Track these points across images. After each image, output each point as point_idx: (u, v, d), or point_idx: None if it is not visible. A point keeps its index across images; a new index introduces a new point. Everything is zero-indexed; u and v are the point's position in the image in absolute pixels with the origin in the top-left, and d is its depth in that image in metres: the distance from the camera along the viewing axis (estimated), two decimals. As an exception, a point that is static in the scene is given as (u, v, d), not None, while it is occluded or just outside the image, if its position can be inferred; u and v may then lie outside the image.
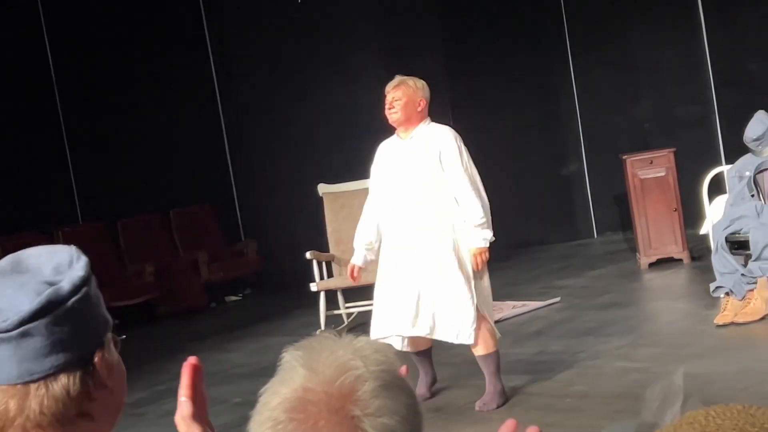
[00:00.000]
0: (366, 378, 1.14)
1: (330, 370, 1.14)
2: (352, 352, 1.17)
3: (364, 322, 8.51)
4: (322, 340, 1.20)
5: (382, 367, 1.16)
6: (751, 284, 6.72)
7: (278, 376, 1.18)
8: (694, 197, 8.22)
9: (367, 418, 1.12)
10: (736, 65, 10.20)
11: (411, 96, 5.71)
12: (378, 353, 1.18)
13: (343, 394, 1.13)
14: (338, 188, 8.86)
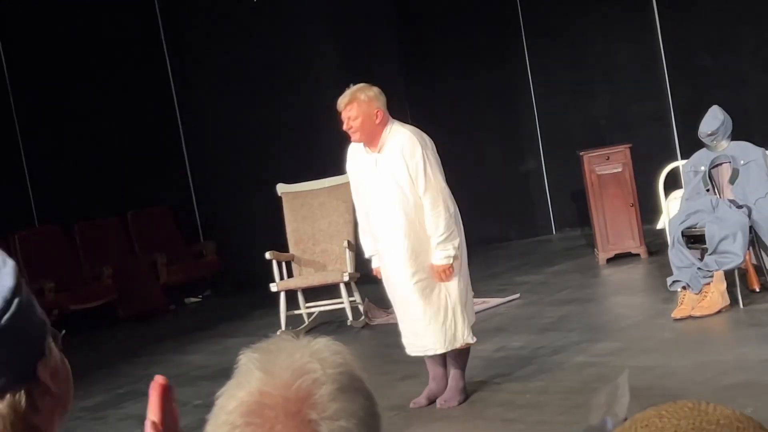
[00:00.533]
0: (323, 381, 1.13)
1: (287, 374, 1.13)
2: (310, 354, 1.16)
3: (325, 322, 8.52)
4: (279, 342, 1.19)
5: (339, 369, 1.15)
6: (707, 278, 6.80)
7: (235, 379, 1.16)
8: (651, 192, 8.29)
9: (324, 421, 1.11)
10: (691, 61, 10.31)
11: (366, 111, 5.51)
12: (336, 355, 1.17)
13: (300, 398, 1.12)
14: (297, 188, 8.85)
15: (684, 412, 1.00)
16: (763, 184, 6.89)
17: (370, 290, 8.99)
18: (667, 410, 1.01)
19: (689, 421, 0.99)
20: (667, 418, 1.00)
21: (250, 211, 10.65)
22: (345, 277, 8.17)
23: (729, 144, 7.08)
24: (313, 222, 8.68)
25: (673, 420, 1.00)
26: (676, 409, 1.01)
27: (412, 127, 5.70)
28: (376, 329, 8.16)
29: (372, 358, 7.59)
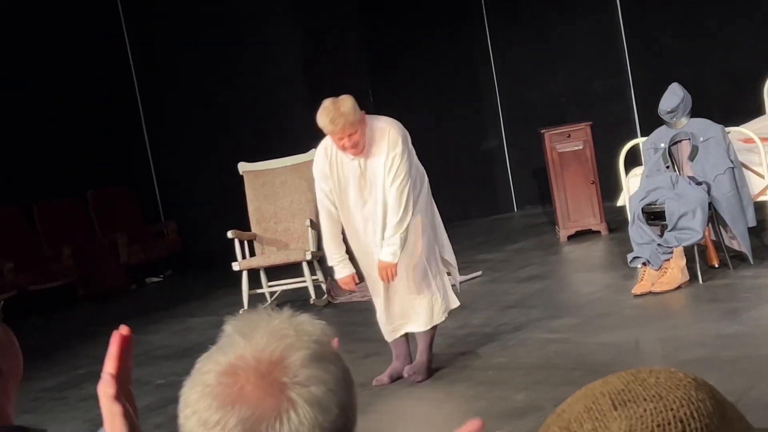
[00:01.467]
0: (297, 347, 1.16)
1: (263, 339, 1.16)
2: (288, 323, 1.19)
3: (288, 301, 8.51)
4: (261, 312, 1.22)
5: (314, 338, 1.18)
6: (667, 254, 6.86)
7: (217, 345, 1.20)
8: (611, 170, 8.34)
9: (294, 386, 1.13)
10: (650, 39, 10.37)
11: (357, 127, 5.35)
12: (313, 326, 1.21)
13: (272, 361, 1.15)
14: (259, 166, 8.81)
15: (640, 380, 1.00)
16: (722, 160, 6.95)
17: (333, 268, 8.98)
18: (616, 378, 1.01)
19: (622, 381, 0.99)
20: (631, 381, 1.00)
21: (211, 190, 10.60)
22: (307, 256, 8.16)
23: (688, 121, 7.13)
24: (275, 201, 8.65)
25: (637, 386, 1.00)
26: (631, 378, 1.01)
27: (387, 119, 5.61)
28: (339, 308, 8.16)
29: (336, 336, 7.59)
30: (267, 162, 8.78)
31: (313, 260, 8.26)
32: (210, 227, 10.02)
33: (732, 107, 9.24)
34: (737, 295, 6.50)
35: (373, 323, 7.34)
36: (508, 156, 11.53)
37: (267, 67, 10.34)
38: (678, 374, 1.02)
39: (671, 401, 0.96)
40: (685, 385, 1.01)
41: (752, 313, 6.02)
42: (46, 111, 10.52)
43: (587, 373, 5.42)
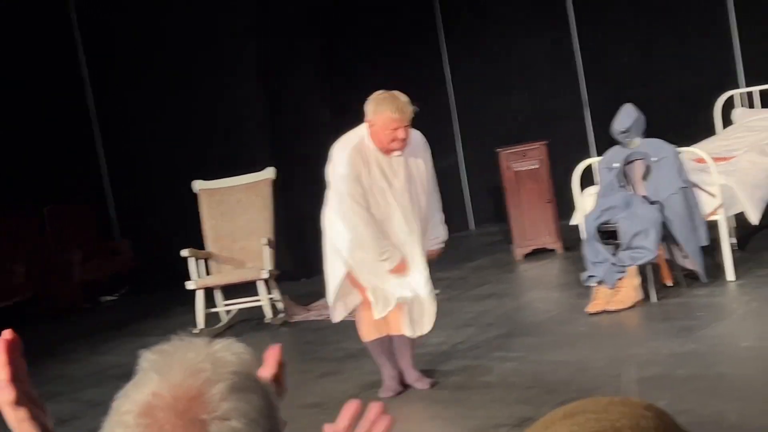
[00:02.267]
0: (215, 380, 1.13)
1: (179, 374, 1.14)
2: (204, 355, 1.17)
3: (243, 320, 8.47)
4: (176, 344, 1.20)
5: (232, 369, 1.16)
6: (621, 273, 6.91)
7: (133, 381, 1.18)
8: (567, 188, 8.39)
9: (215, 421, 1.11)
10: (605, 59, 10.48)
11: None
12: (231, 355, 1.18)
13: (190, 397, 1.12)
14: (214, 185, 8.78)
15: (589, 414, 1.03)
16: (675, 180, 7.03)
17: (289, 287, 8.97)
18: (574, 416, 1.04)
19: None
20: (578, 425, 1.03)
21: (167, 207, 10.53)
22: (264, 275, 8.13)
23: (642, 141, 7.20)
24: (231, 219, 8.62)
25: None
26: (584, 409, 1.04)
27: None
28: (296, 327, 8.13)
29: (291, 355, 7.57)
30: (223, 180, 8.75)
31: (269, 279, 8.22)
32: (166, 245, 9.95)
33: (685, 127, 9.36)
34: (690, 313, 6.57)
35: (329, 342, 7.34)
36: (465, 174, 11.58)
37: (224, 85, 10.30)
38: (633, 400, 1.04)
39: (614, 414, 1.00)
40: (635, 404, 1.03)
41: (705, 332, 6.09)
42: (0, 128, 10.41)
43: (543, 391, 5.45)
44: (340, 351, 7.04)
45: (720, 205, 7.18)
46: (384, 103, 5.41)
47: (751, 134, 8.46)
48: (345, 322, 7.95)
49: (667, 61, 10.07)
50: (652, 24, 10.10)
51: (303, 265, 9.98)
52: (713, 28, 9.76)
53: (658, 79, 10.09)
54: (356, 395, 5.86)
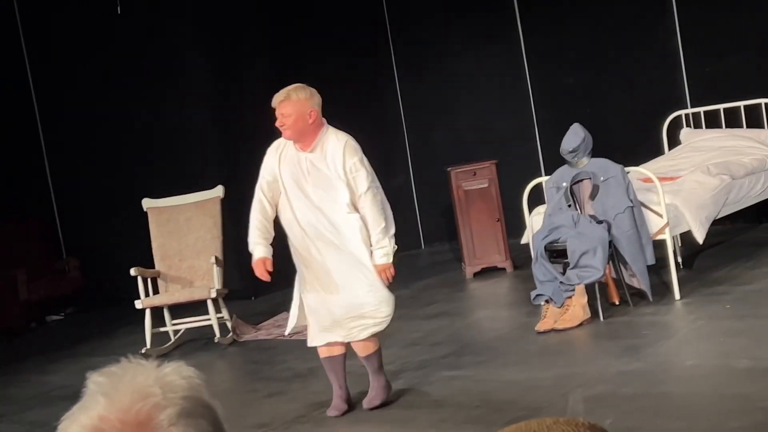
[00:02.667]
0: (164, 405, 1.12)
1: (127, 398, 1.12)
2: (154, 379, 1.15)
3: (192, 339, 8.40)
4: (125, 366, 1.18)
5: (182, 393, 1.14)
6: (569, 291, 6.96)
7: (79, 403, 1.15)
8: (516, 207, 8.45)
9: None
10: (553, 79, 10.57)
11: (299, 110, 5.57)
12: (181, 380, 1.17)
13: (139, 422, 1.11)
14: (163, 203, 8.71)
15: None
16: (622, 199, 7.10)
17: (238, 306, 8.91)
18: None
19: None
20: None
21: (115, 226, 10.42)
22: (212, 294, 8.07)
23: (590, 161, 7.27)
24: (180, 237, 8.55)
25: None
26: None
27: (346, 134, 5.78)
28: (244, 346, 8.08)
29: (239, 375, 7.52)
30: (172, 198, 8.69)
31: (218, 298, 8.17)
32: (113, 264, 9.85)
33: (632, 147, 9.46)
34: (637, 332, 6.62)
35: (277, 362, 7.30)
36: (415, 193, 11.60)
37: (174, 102, 10.24)
38: (578, 420, 1.04)
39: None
40: (579, 425, 1.03)
41: (651, 350, 6.14)
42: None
43: (491, 410, 5.46)
44: (287, 371, 7.00)
45: (666, 224, 7.26)
46: None
47: (697, 155, 8.57)
48: (293, 341, 7.93)
49: (614, 82, 10.18)
50: (601, 45, 10.21)
51: (252, 284, 9.92)
52: (660, 50, 9.89)
53: (606, 100, 10.20)
54: (303, 416, 5.84)
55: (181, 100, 10.17)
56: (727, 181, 7.90)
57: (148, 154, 10.36)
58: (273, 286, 10.00)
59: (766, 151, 8.48)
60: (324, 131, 5.67)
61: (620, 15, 10.05)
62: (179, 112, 10.18)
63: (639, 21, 9.98)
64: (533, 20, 10.61)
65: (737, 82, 9.32)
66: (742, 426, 4.67)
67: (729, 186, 7.91)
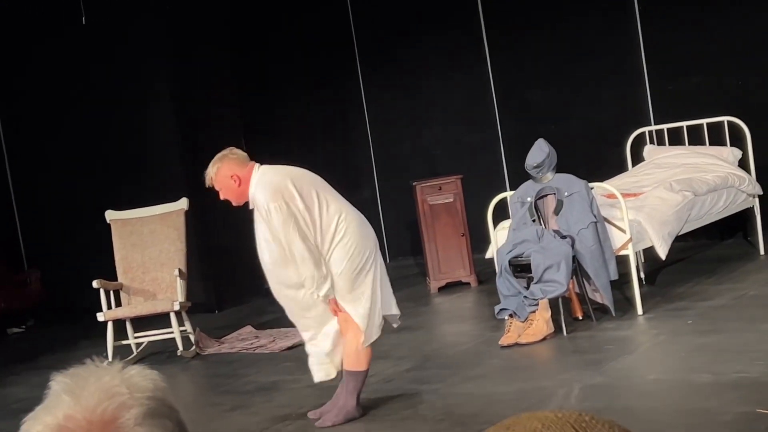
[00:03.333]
0: (130, 405, 1.12)
1: (93, 398, 1.12)
2: (120, 379, 1.15)
3: (155, 352, 8.34)
4: (90, 368, 1.18)
5: (148, 394, 1.15)
6: (532, 306, 6.98)
7: (43, 404, 1.15)
8: (481, 222, 8.48)
9: None
10: (519, 95, 10.63)
11: (224, 183, 5.65)
12: (147, 381, 1.17)
13: (104, 422, 1.10)
14: (127, 215, 8.65)
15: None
16: (586, 215, 7.14)
17: (202, 320, 8.86)
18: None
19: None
20: None
21: (77, 238, 10.34)
22: (175, 306, 8.02)
23: (554, 176, 7.31)
24: (143, 250, 8.50)
25: None
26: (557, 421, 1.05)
27: (270, 178, 5.64)
28: (207, 359, 8.03)
29: (202, 388, 7.47)
30: (135, 210, 8.63)
31: (181, 311, 8.12)
32: (75, 276, 9.76)
33: (596, 163, 9.53)
34: (599, 346, 6.65)
35: (240, 375, 7.26)
36: (380, 207, 11.61)
37: (138, 113, 10.19)
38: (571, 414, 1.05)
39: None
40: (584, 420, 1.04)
41: (613, 365, 6.17)
42: None
43: (454, 424, 5.46)
44: (251, 384, 6.97)
45: (629, 240, 7.31)
46: None
47: (660, 171, 8.64)
48: (256, 354, 7.89)
49: (579, 99, 10.25)
50: (566, 61, 10.28)
51: (216, 298, 9.89)
52: (624, 67, 9.97)
53: (571, 116, 10.27)
54: (266, 428, 5.81)
55: (146, 112, 10.12)
56: (689, 198, 7.97)
57: (112, 166, 10.30)
58: (236, 300, 10.01)
59: (728, 169, 8.56)
60: (254, 184, 5.63)
61: (585, 32, 10.14)
62: (144, 124, 10.13)
63: (604, 38, 10.07)
64: (499, 36, 10.67)
65: (700, 99, 9.42)
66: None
67: (691, 202, 7.98)
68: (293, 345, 7.84)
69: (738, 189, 8.47)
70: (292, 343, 7.88)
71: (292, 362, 7.34)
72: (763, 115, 9.12)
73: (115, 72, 10.18)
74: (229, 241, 10.06)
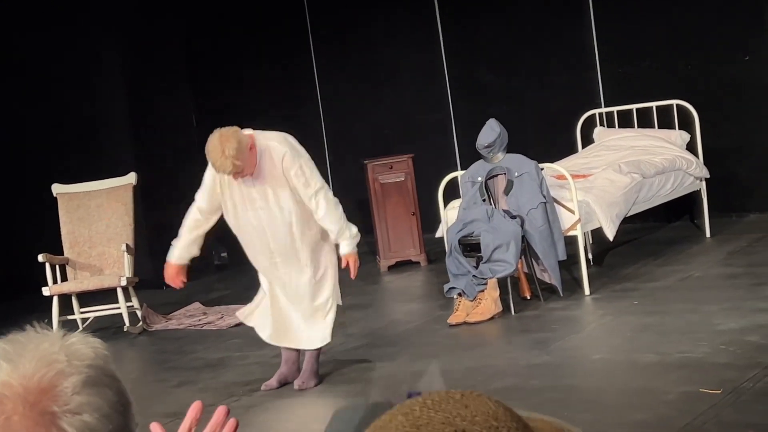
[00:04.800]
0: (69, 373, 1.11)
1: (31, 365, 1.11)
2: (59, 346, 1.14)
3: (101, 328, 8.26)
4: (30, 334, 1.16)
5: (87, 362, 1.13)
6: (481, 285, 7.01)
7: None
8: (432, 201, 8.49)
9: (65, 414, 1.09)
10: (471, 75, 10.63)
11: (245, 163, 5.47)
12: (87, 348, 1.15)
13: (42, 389, 1.09)
14: (74, 188, 8.55)
15: (446, 405, 1.01)
16: (536, 195, 7.17)
17: (149, 295, 8.79)
18: (432, 399, 1.02)
19: (445, 414, 1.00)
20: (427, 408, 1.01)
21: (23, 211, 10.19)
22: (122, 282, 7.95)
23: (504, 156, 7.33)
24: (90, 224, 8.40)
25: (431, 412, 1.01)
26: (441, 400, 1.02)
27: (274, 134, 5.75)
28: (154, 335, 7.98)
29: (149, 364, 7.42)
30: (83, 184, 8.53)
31: (128, 286, 8.04)
32: (21, 250, 9.62)
33: (547, 144, 9.57)
34: (546, 326, 6.70)
35: (187, 352, 7.23)
36: (332, 186, 11.56)
37: (86, 87, 10.05)
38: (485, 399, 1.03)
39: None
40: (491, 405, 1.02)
41: (560, 344, 6.22)
42: None
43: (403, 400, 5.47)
44: (198, 360, 6.94)
45: (578, 220, 7.36)
46: (209, 155, 5.50)
47: (609, 153, 8.70)
48: (204, 331, 7.85)
49: (531, 80, 10.28)
50: (518, 43, 10.30)
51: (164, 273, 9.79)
52: (576, 49, 10.02)
53: (522, 97, 10.30)
54: (213, 405, 5.77)
55: (95, 86, 9.99)
56: (638, 180, 8.04)
57: (60, 140, 10.16)
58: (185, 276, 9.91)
59: (676, 152, 8.64)
60: (259, 150, 5.59)
61: (538, 14, 10.16)
62: (93, 98, 10.00)
63: (556, 20, 10.10)
64: (452, 17, 10.66)
65: (650, 83, 9.49)
66: (647, 419, 4.75)
67: (640, 184, 8.05)
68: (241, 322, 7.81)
69: (685, 172, 8.56)
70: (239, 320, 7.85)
71: (240, 339, 7.32)
72: (712, 100, 9.22)
73: (62, 42, 10.02)
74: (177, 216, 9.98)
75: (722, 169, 9.03)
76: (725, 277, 7.44)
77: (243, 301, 8.62)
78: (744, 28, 9.20)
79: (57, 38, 10.03)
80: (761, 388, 4.92)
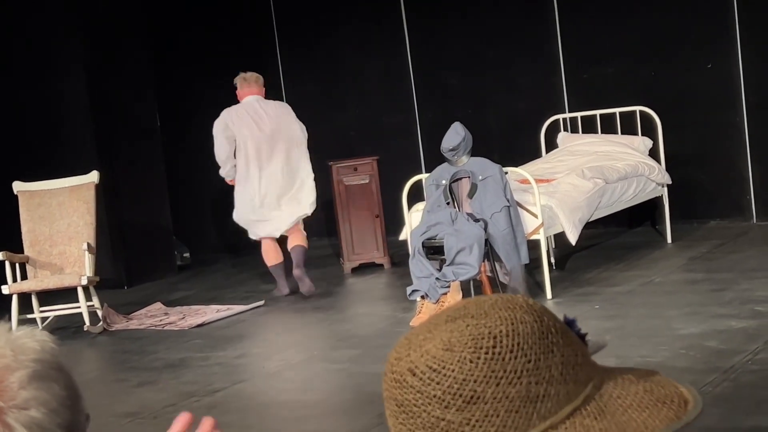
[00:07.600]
0: (15, 368, 1.09)
1: None
2: (5, 340, 1.12)
3: (61, 327, 8.18)
4: None
5: (34, 356, 1.11)
6: (444, 288, 7.01)
7: None
8: (396, 204, 8.50)
9: (12, 410, 1.07)
10: (437, 79, 10.66)
11: None
12: (34, 342, 1.13)
13: None
14: (35, 186, 8.46)
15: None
16: (499, 199, 7.19)
17: (110, 295, 8.73)
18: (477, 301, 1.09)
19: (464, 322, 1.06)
20: None
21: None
22: (83, 281, 7.87)
23: (469, 160, 7.34)
24: (51, 223, 8.32)
25: None
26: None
27: None
28: (115, 335, 7.91)
29: (109, 364, 7.36)
30: (44, 182, 8.44)
31: (89, 285, 7.97)
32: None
33: (511, 149, 9.62)
34: (509, 329, 6.70)
35: (148, 352, 7.18)
36: (296, 187, 11.53)
37: (50, 84, 9.95)
38: (517, 298, 1.06)
39: (493, 319, 1.04)
40: (516, 307, 1.05)
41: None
42: None
43: (363, 402, 5.47)
44: (158, 361, 6.89)
45: (541, 224, 7.40)
46: None
47: (572, 158, 8.75)
48: (165, 331, 7.80)
49: (496, 85, 10.32)
50: (483, 48, 10.34)
51: (126, 273, 9.73)
52: (541, 55, 10.07)
53: (487, 101, 10.34)
54: (173, 404, 5.74)
55: (56, 83, 9.89)
56: (600, 185, 8.09)
57: (21, 137, 10.05)
58: (146, 276, 9.86)
59: (638, 158, 8.71)
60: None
61: (503, 19, 10.21)
62: (55, 96, 9.90)
63: (521, 26, 10.15)
64: (418, 20, 10.68)
65: (614, 89, 9.57)
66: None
67: (602, 189, 8.10)
68: (203, 323, 7.78)
69: (648, 178, 8.63)
70: (201, 321, 7.82)
71: (201, 339, 7.29)
72: (674, 106, 9.31)
73: (27, 42, 9.92)
74: (139, 216, 9.93)
75: (684, 176, 9.12)
76: (686, 283, 7.50)
77: (205, 301, 8.61)
78: (707, 36, 9.30)
79: (16, 31, 9.93)
80: (720, 392, 4.97)
